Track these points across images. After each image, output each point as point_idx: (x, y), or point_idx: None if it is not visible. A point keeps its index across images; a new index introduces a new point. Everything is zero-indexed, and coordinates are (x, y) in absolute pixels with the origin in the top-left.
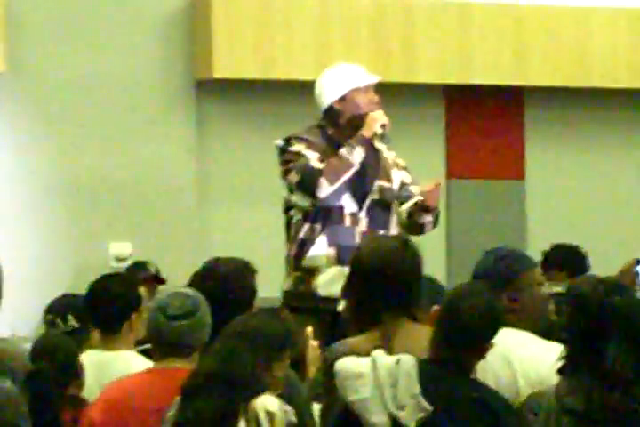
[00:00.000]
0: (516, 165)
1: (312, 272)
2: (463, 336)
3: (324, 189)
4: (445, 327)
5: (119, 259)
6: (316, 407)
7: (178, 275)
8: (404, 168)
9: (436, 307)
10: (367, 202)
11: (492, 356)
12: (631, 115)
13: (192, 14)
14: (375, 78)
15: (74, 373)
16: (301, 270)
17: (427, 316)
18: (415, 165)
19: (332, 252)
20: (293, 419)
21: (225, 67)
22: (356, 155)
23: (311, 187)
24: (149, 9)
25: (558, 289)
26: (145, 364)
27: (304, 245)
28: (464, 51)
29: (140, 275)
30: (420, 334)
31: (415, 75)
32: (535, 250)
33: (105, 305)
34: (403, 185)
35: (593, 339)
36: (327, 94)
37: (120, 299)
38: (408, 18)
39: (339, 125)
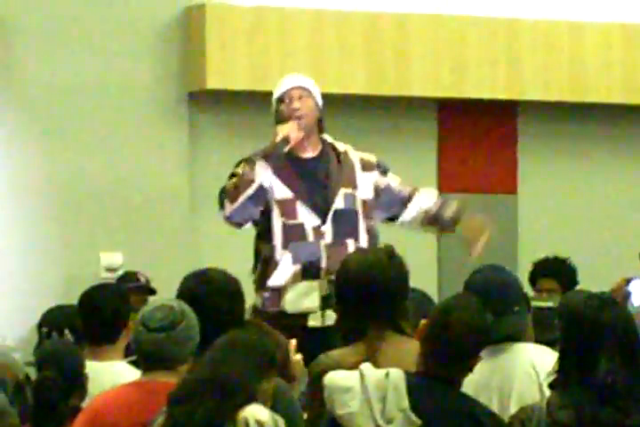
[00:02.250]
0: (509, 180)
1: (279, 291)
2: (452, 350)
3: (227, 208)
4: (434, 341)
5: (110, 269)
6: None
7: (169, 285)
8: (382, 170)
9: (424, 320)
10: (331, 213)
11: None
12: (624, 130)
13: (186, 25)
14: (289, 85)
15: (79, 382)
16: (267, 289)
17: (416, 329)
18: (407, 179)
19: (297, 268)
20: None
21: (218, 78)
22: (258, 169)
23: (220, 208)
24: (143, 20)
25: (549, 304)
26: (135, 375)
27: (267, 263)
28: (458, 64)
29: (131, 285)
30: (406, 348)
31: (408, 88)
32: (526, 264)
33: (98, 316)
34: (383, 189)
35: (585, 353)
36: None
37: (114, 310)
38: (402, 31)
39: None
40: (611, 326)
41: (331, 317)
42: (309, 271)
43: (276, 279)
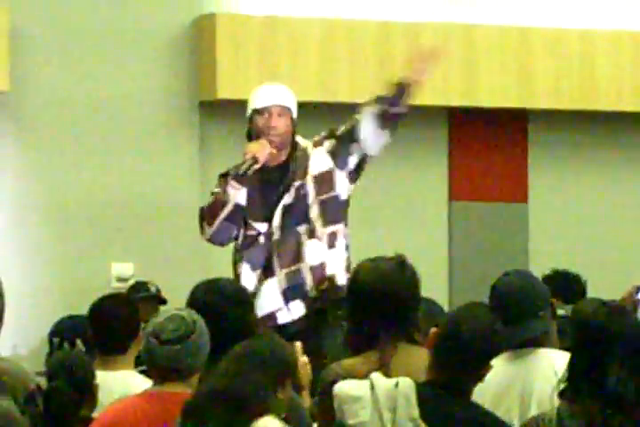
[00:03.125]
0: (520, 188)
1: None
2: (462, 359)
3: (206, 231)
4: (445, 350)
5: (121, 279)
6: None
7: (180, 295)
8: (328, 135)
9: (434, 329)
10: (278, 210)
11: None
12: (636, 138)
13: (196, 35)
14: (272, 101)
15: (89, 393)
16: None
17: (426, 338)
18: (418, 187)
19: (257, 274)
20: None
21: (229, 88)
22: (230, 190)
23: (200, 227)
24: (154, 29)
25: (561, 312)
26: (145, 384)
27: (238, 278)
28: (468, 73)
29: (142, 295)
30: (417, 357)
31: (419, 97)
32: (537, 273)
33: (108, 326)
34: (336, 144)
35: (595, 362)
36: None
37: (124, 320)
38: (413, 40)
39: None
40: (620, 335)
41: (297, 307)
42: (265, 272)
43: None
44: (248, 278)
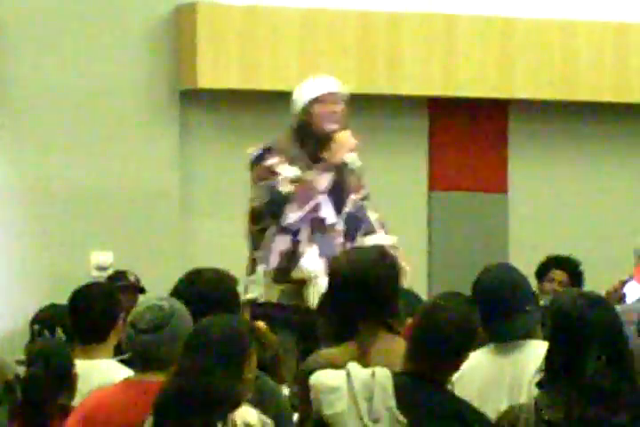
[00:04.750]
0: (499, 178)
1: (299, 285)
2: (439, 348)
3: (291, 216)
4: (421, 339)
5: (101, 268)
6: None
7: (159, 284)
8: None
9: (410, 319)
10: (343, 215)
11: None
12: (615, 129)
13: (177, 24)
14: (330, 88)
15: (67, 381)
16: (286, 283)
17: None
18: (398, 177)
19: (322, 263)
20: None
21: (209, 77)
22: (322, 181)
23: (277, 212)
24: (134, 19)
25: (541, 302)
26: (125, 373)
27: (290, 257)
28: (449, 63)
29: (121, 284)
30: (397, 346)
31: (400, 87)
32: (517, 262)
33: (88, 315)
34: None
35: (572, 352)
36: (295, 105)
37: (104, 308)
38: (393, 30)
39: (305, 136)
40: (598, 326)
41: None
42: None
43: (300, 272)
44: (312, 261)
